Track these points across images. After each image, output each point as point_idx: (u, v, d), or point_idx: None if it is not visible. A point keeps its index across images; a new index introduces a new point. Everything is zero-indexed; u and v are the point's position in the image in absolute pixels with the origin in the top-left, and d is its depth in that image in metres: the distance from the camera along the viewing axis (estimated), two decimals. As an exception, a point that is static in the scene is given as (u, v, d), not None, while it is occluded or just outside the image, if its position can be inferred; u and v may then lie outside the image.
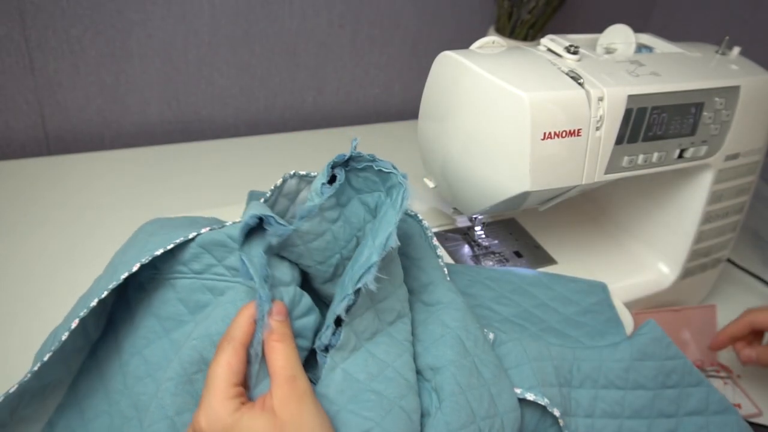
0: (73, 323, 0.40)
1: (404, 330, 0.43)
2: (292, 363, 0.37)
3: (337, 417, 0.37)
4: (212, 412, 0.34)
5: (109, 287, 0.41)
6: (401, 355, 0.41)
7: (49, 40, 0.78)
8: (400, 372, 0.40)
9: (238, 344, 0.37)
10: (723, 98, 0.61)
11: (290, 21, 0.89)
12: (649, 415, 0.48)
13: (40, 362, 0.40)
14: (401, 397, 0.39)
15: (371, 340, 0.41)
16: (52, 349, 0.40)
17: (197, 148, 0.87)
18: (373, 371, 0.40)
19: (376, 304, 0.41)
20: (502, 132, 0.54)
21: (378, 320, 0.41)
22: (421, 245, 0.49)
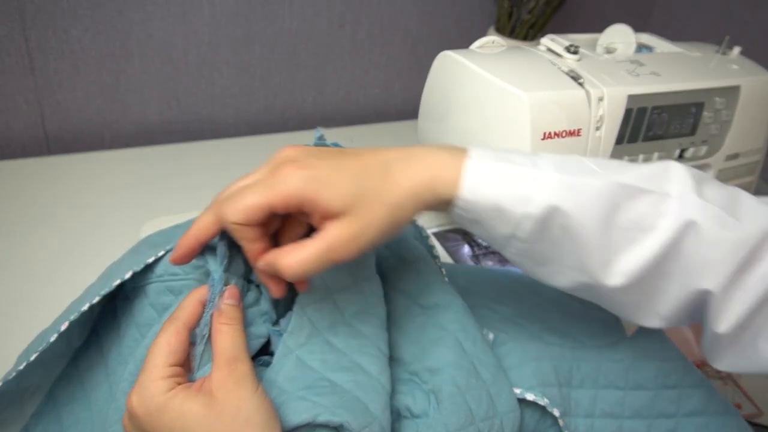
0: (63, 326, 0.40)
1: (368, 323, 0.42)
2: (236, 346, 0.35)
3: (286, 404, 0.36)
4: (144, 391, 0.33)
5: (101, 293, 0.41)
6: (361, 347, 0.40)
7: (49, 40, 0.78)
8: (359, 363, 0.39)
9: (180, 324, 0.36)
10: (723, 98, 0.61)
11: (290, 21, 0.89)
12: (649, 415, 0.48)
13: (26, 362, 0.40)
14: (358, 386, 0.38)
15: (331, 329, 0.40)
16: (39, 349, 0.40)
17: (197, 148, 0.87)
18: (329, 360, 0.39)
19: (334, 294, 0.41)
20: (502, 132, 0.54)
21: (337, 310, 0.41)
22: (416, 247, 0.49)
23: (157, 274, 0.43)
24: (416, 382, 0.43)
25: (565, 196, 0.36)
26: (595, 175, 0.37)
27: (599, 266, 0.38)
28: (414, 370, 0.43)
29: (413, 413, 0.41)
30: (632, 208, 0.37)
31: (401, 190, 0.36)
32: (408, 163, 0.37)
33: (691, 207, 0.37)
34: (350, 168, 0.36)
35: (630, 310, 0.41)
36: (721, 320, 0.37)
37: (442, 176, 0.37)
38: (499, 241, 0.39)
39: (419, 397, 0.41)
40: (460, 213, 0.38)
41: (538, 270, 0.40)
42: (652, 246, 0.37)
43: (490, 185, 0.36)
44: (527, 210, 0.36)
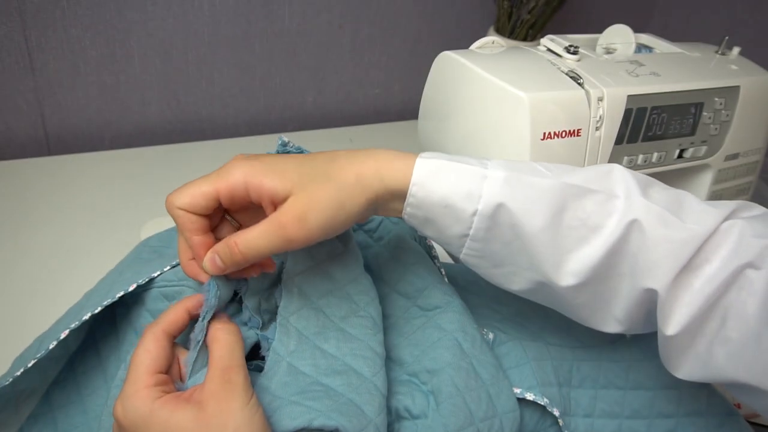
0: (63, 334, 0.40)
1: (358, 324, 0.42)
2: (230, 354, 0.35)
3: (280, 410, 0.36)
4: (128, 401, 0.33)
5: (103, 303, 0.41)
6: (353, 350, 0.40)
7: (49, 40, 0.78)
8: (352, 366, 0.39)
9: (159, 330, 0.35)
10: (723, 98, 0.61)
11: (290, 21, 0.89)
12: (648, 414, 0.48)
13: (24, 368, 0.39)
14: (351, 389, 0.38)
15: (320, 335, 0.40)
16: (37, 356, 0.40)
17: (197, 148, 0.87)
18: (321, 364, 0.39)
19: (317, 300, 0.41)
20: (501, 132, 0.54)
21: (324, 316, 0.41)
22: (415, 248, 0.49)
23: (154, 281, 0.43)
24: (415, 383, 0.43)
25: (512, 194, 0.37)
26: (542, 175, 0.38)
27: (551, 266, 0.38)
28: (413, 371, 0.43)
29: (412, 414, 0.41)
30: (580, 207, 0.38)
31: (347, 173, 0.37)
32: (356, 155, 0.38)
33: (636, 206, 0.37)
34: (295, 159, 0.38)
35: (586, 313, 0.41)
36: (669, 322, 0.37)
37: (390, 167, 0.38)
38: (453, 242, 0.39)
39: (418, 398, 0.41)
40: (411, 212, 0.38)
41: (495, 272, 0.41)
42: (601, 244, 0.37)
43: (439, 181, 0.37)
44: (476, 207, 0.37)
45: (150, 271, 0.43)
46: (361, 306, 0.42)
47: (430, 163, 0.38)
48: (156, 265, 0.45)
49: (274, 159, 0.38)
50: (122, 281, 0.43)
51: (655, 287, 0.37)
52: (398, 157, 0.38)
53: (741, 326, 0.36)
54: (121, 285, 0.43)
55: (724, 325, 0.36)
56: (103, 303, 0.41)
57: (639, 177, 0.39)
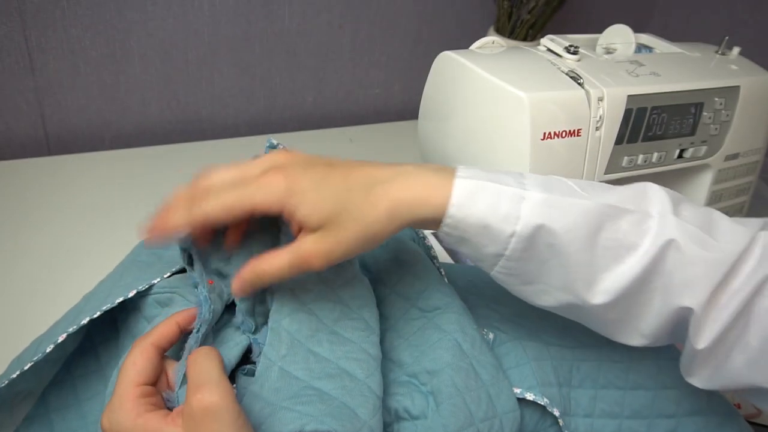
0: (60, 337, 0.40)
1: (350, 327, 0.41)
2: (204, 372, 0.33)
3: (272, 416, 0.36)
4: (113, 414, 0.33)
5: (102, 308, 0.41)
6: (347, 353, 0.40)
7: (49, 40, 0.78)
8: (345, 369, 0.39)
9: (147, 343, 0.35)
10: (723, 98, 0.61)
11: (290, 21, 0.89)
12: (648, 415, 0.48)
13: (20, 371, 0.39)
14: (345, 392, 0.38)
15: (312, 338, 0.40)
16: (33, 359, 0.39)
17: (197, 148, 0.87)
18: (314, 368, 0.39)
19: (309, 304, 0.41)
20: (501, 132, 0.54)
21: (316, 319, 0.41)
22: (414, 249, 0.48)
23: (155, 288, 0.43)
24: (415, 384, 0.43)
25: (551, 215, 0.37)
26: (579, 196, 0.38)
27: (584, 285, 0.38)
28: (413, 372, 0.43)
29: (412, 415, 0.41)
30: (615, 227, 0.38)
31: (379, 211, 0.37)
32: (392, 184, 0.37)
33: (670, 226, 0.38)
34: (333, 186, 0.37)
35: (612, 328, 0.41)
36: (701, 337, 0.38)
37: (427, 198, 0.37)
38: (486, 260, 0.39)
39: (418, 398, 0.41)
40: (447, 231, 0.38)
41: (524, 289, 0.41)
42: (635, 264, 0.38)
43: (478, 203, 0.37)
44: (514, 228, 0.37)
45: (150, 277, 0.43)
46: (353, 309, 0.42)
47: (468, 184, 0.37)
48: (156, 270, 0.45)
49: (311, 181, 0.37)
50: (122, 286, 0.43)
51: (691, 305, 0.37)
52: (434, 184, 0.38)
53: (762, 332, 0.37)
54: (120, 290, 0.42)
55: (745, 332, 0.37)
56: (102, 308, 0.41)
57: (672, 195, 0.40)
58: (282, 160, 0.38)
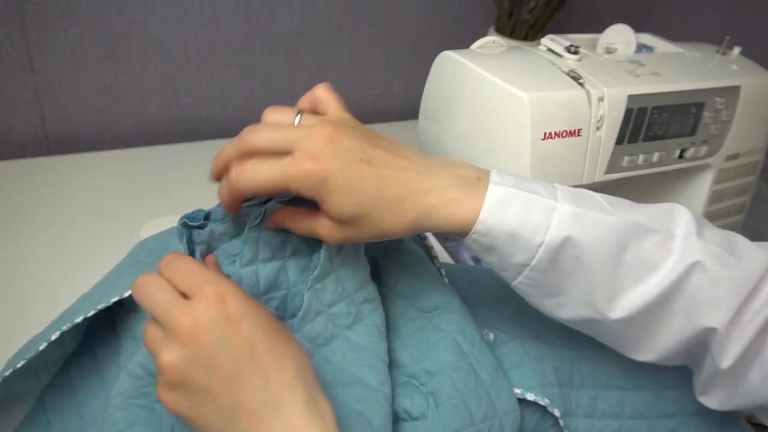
0: (54, 335, 0.40)
1: (363, 333, 0.42)
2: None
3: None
4: (221, 280, 0.34)
5: (98, 307, 0.41)
6: (360, 359, 0.40)
7: (49, 40, 0.78)
8: (358, 376, 0.39)
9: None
10: (723, 98, 0.61)
11: (290, 21, 0.89)
12: (649, 415, 0.48)
13: (12, 369, 0.39)
14: (359, 401, 0.38)
15: (327, 346, 0.40)
16: (27, 357, 0.39)
17: (197, 148, 0.87)
18: (326, 379, 0.39)
19: (328, 308, 0.41)
20: (502, 132, 0.54)
21: (332, 325, 0.41)
22: (414, 250, 0.48)
23: None
24: (415, 384, 0.43)
25: (580, 228, 0.38)
26: (607, 212, 0.39)
27: (605, 300, 0.39)
28: (412, 372, 0.43)
29: (412, 416, 0.41)
30: (640, 246, 0.38)
31: (402, 225, 0.38)
32: (425, 198, 0.38)
33: (693, 247, 0.38)
34: (366, 192, 0.37)
35: (628, 344, 0.42)
36: (724, 357, 0.38)
37: (457, 211, 0.38)
38: (511, 269, 0.40)
39: (418, 399, 0.41)
40: (475, 239, 0.39)
41: (545, 302, 0.41)
42: (657, 284, 0.38)
43: (509, 211, 0.37)
44: (543, 238, 0.37)
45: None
46: (365, 314, 0.42)
47: (501, 192, 0.38)
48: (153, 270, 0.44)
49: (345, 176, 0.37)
50: (119, 286, 0.43)
51: (715, 325, 0.38)
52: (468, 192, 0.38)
53: None
54: (117, 290, 0.42)
55: (762, 349, 0.38)
56: (98, 307, 0.41)
57: (697, 217, 0.41)
58: (323, 143, 0.37)
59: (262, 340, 0.33)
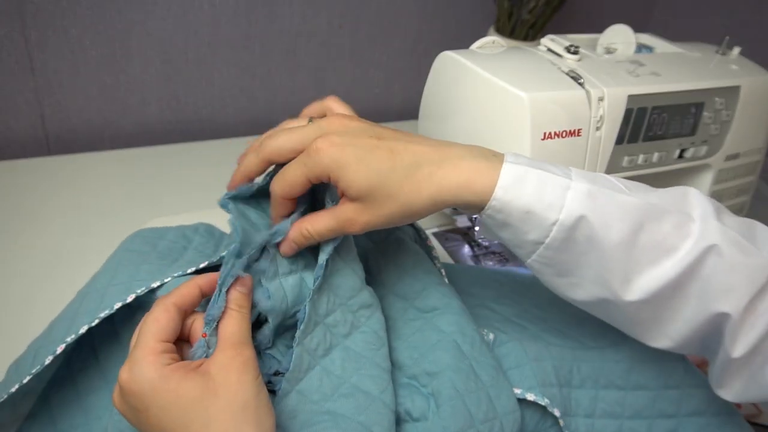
0: (59, 348, 0.39)
1: (361, 341, 0.41)
2: (242, 332, 0.36)
3: None
4: (136, 367, 0.33)
5: (100, 315, 0.40)
6: (359, 369, 0.40)
7: (49, 40, 0.78)
8: (358, 386, 0.39)
9: (169, 302, 0.36)
10: (723, 98, 0.61)
11: (290, 21, 0.89)
12: (649, 415, 0.48)
13: (19, 384, 0.39)
14: (360, 411, 0.38)
15: (326, 357, 0.40)
16: (32, 372, 0.39)
17: (197, 148, 0.87)
18: (326, 391, 0.39)
19: (324, 318, 0.40)
20: (502, 132, 0.54)
21: (330, 334, 0.40)
22: (414, 250, 0.48)
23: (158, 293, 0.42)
24: (415, 385, 0.43)
25: (594, 207, 0.37)
26: (622, 192, 0.39)
27: (619, 281, 0.39)
28: (413, 374, 0.43)
29: (413, 417, 0.41)
30: (656, 227, 0.38)
31: (421, 196, 0.38)
32: (439, 168, 0.38)
33: (712, 231, 0.38)
34: (378, 161, 0.38)
35: (642, 329, 0.41)
36: (737, 345, 0.38)
37: (473, 182, 0.38)
38: (525, 247, 0.40)
39: (418, 400, 0.41)
40: (490, 214, 0.38)
41: (558, 281, 0.41)
42: (674, 266, 0.38)
43: (524, 188, 0.37)
44: (557, 217, 0.37)
45: (147, 276, 0.43)
46: (362, 321, 0.42)
47: (516, 169, 0.38)
48: (154, 267, 0.44)
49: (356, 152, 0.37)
50: (118, 285, 0.43)
51: (729, 311, 0.37)
52: (482, 168, 0.38)
53: None
54: (116, 289, 0.42)
55: None
56: (100, 315, 0.40)
57: (712, 201, 0.40)
58: (334, 127, 0.39)
59: (173, 427, 0.32)
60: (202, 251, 0.49)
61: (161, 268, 0.44)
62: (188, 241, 0.50)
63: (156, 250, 0.47)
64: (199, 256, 0.47)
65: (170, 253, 0.47)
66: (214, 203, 0.46)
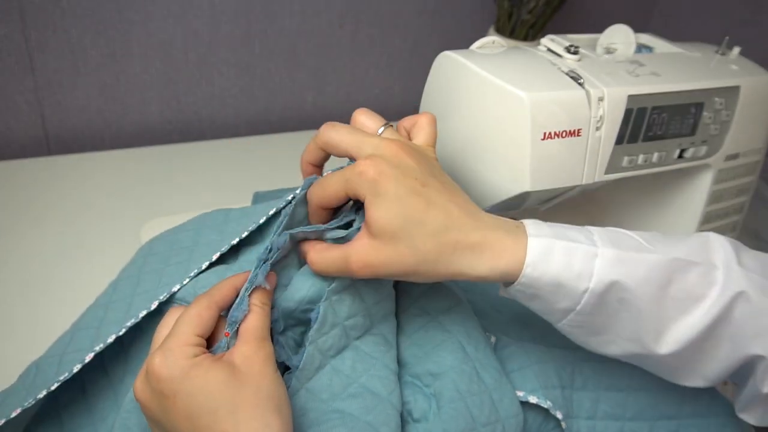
0: (87, 357, 0.40)
1: (371, 342, 0.42)
2: (264, 328, 0.37)
3: None
4: (170, 354, 0.33)
5: (127, 324, 0.41)
6: (368, 370, 0.40)
7: (49, 40, 0.78)
8: (366, 386, 0.39)
9: (212, 301, 0.37)
10: (723, 98, 0.61)
11: (290, 21, 0.89)
12: (651, 416, 0.48)
13: (47, 390, 0.39)
14: (368, 411, 0.38)
15: (339, 357, 0.40)
16: (60, 379, 0.39)
17: (197, 148, 0.87)
18: (336, 390, 0.39)
19: (344, 321, 0.40)
20: (502, 132, 0.54)
21: (346, 337, 0.41)
22: None
23: (178, 297, 0.43)
24: (418, 385, 0.43)
25: (622, 271, 0.38)
26: (647, 251, 0.39)
27: (652, 335, 0.39)
28: (416, 373, 0.43)
29: (413, 417, 0.41)
30: (683, 279, 0.39)
31: (442, 257, 0.38)
32: (469, 235, 0.38)
33: (736, 277, 0.39)
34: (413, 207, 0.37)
35: (676, 374, 0.42)
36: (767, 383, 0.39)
37: (498, 262, 0.38)
38: (555, 314, 0.40)
39: (420, 400, 0.41)
40: (519, 289, 0.39)
41: (590, 339, 0.42)
42: (703, 315, 0.38)
43: (552, 261, 0.38)
44: (587, 285, 0.38)
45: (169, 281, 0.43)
46: (374, 323, 0.42)
47: (541, 243, 0.38)
48: (173, 270, 0.44)
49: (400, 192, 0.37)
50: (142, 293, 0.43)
51: (763, 353, 0.38)
52: (509, 244, 0.38)
53: None
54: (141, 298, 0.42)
55: None
56: (127, 324, 0.41)
57: (732, 243, 0.41)
58: (389, 153, 0.38)
59: (200, 413, 0.32)
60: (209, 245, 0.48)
61: (179, 271, 0.44)
62: (198, 235, 0.49)
63: (173, 248, 0.47)
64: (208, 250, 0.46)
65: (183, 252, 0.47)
66: (214, 203, 0.46)
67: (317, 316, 0.39)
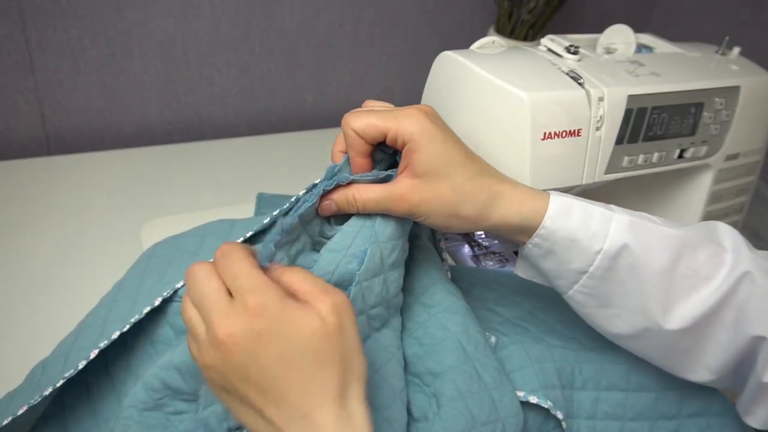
0: (92, 353, 0.40)
1: (389, 337, 0.42)
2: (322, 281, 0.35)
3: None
4: (263, 291, 0.31)
5: (131, 321, 0.41)
6: (387, 363, 0.41)
7: (49, 40, 0.78)
8: (385, 378, 0.40)
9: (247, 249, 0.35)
10: (723, 98, 0.61)
11: (290, 21, 0.89)
12: (651, 416, 0.48)
13: (52, 387, 0.39)
14: (386, 407, 0.38)
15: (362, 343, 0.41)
16: (65, 376, 0.39)
17: (197, 148, 0.87)
18: None
19: (370, 309, 0.41)
20: (502, 132, 0.54)
21: (368, 326, 0.41)
22: (428, 247, 0.49)
23: (180, 294, 0.43)
24: (418, 384, 0.43)
25: (636, 237, 0.40)
26: (661, 224, 0.41)
27: (660, 309, 0.40)
28: (416, 371, 0.43)
29: (413, 416, 0.41)
30: (693, 257, 0.40)
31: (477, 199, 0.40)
32: (500, 182, 0.41)
33: (744, 259, 0.40)
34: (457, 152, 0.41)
35: (680, 359, 0.43)
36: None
37: (523, 207, 0.41)
38: (568, 277, 0.41)
39: (420, 400, 0.41)
40: (537, 242, 0.41)
41: (599, 312, 0.43)
42: (711, 294, 0.40)
43: (570, 217, 0.40)
44: (601, 246, 0.39)
45: (171, 279, 0.43)
46: (390, 317, 0.43)
47: (562, 200, 0.41)
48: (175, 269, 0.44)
49: (444, 136, 0.40)
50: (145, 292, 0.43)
51: (765, 334, 0.39)
52: (531, 195, 0.41)
53: None
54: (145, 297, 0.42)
55: None
56: (131, 320, 0.41)
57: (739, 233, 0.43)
58: (429, 110, 0.41)
59: (294, 359, 0.31)
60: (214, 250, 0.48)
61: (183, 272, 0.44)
62: (203, 240, 0.50)
63: (177, 251, 0.47)
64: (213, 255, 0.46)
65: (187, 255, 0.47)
66: (214, 203, 0.46)
67: None
